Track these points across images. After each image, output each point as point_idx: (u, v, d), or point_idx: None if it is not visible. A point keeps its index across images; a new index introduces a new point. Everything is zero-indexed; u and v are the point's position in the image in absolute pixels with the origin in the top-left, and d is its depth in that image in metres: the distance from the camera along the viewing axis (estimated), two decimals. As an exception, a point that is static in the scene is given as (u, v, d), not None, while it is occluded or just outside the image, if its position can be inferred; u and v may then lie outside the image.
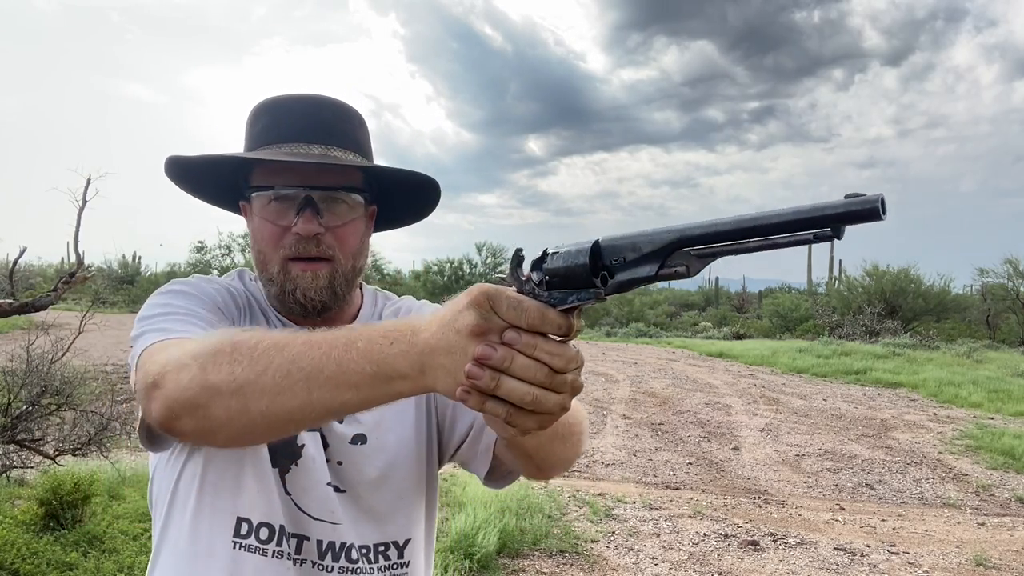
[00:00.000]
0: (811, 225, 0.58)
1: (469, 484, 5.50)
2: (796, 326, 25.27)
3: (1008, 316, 23.90)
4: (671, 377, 13.22)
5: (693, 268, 0.64)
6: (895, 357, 15.65)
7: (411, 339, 0.70)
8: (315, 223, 1.05)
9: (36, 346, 4.73)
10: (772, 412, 9.99)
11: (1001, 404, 10.54)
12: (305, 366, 0.74)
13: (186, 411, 0.78)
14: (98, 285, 7.50)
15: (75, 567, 3.75)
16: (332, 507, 1.06)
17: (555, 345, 0.67)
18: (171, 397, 0.79)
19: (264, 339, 0.78)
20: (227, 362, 0.77)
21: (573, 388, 0.69)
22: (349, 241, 1.10)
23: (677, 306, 34.58)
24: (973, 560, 4.79)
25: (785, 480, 6.71)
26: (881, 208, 0.55)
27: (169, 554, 1.04)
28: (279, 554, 1.03)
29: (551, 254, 0.70)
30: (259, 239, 1.09)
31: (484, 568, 4.26)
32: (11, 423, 4.33)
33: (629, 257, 0.66)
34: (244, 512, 1.02)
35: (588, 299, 0.67)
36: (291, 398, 0.74)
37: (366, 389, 0.72)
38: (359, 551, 1.07)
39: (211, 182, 1.17)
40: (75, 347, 4.85)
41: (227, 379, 0.76)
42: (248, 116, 1.14)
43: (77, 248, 4.68)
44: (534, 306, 0.66)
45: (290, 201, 1.06)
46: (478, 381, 0.66)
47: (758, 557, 4.78)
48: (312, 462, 1.06)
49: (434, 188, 1.21)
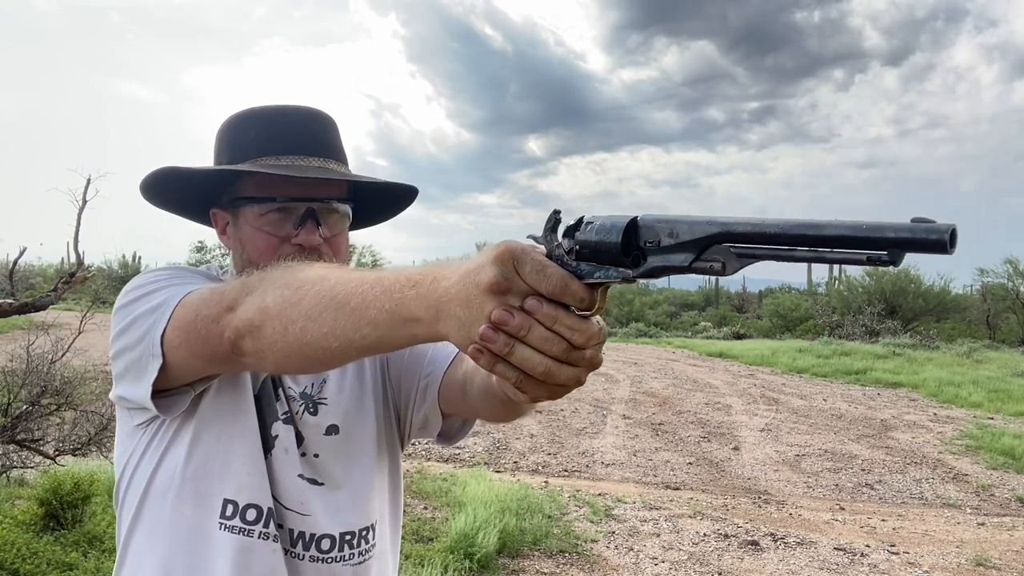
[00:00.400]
0: (868, 245, 0.53)
1: (469, 484, 5.51)
2: (796, 326, 25.27)
3: (1008, 316, 23.89)
4: (671, 377, 13.22)
5: (730, 266, 0.60)
6: (895, 357, 15.65)
7: (432, 285, 0.69)
8: (317, 235, 1.09)
9: (36, 346, 4.73)
10: (772, 412, 9.99)
11: (1001, 404, 10.54)
12: (338, 295, 0.76)
13: (248, 331, 0.84)
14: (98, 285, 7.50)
15: (75, 567, 3.75)
16: (302, 498, 1.08)
17: (577, 320, 0.64)
18: (241, 318, 0.85)
19: (312, 270, 0.83)
20: (282, 285, 0.82)
21: (591, 363, 0.67)
22: (342, 250, 1.14)
23: (677, 306, 34.58)
24: (973, 560, 4.79)
25: (785, 480, 6.71)
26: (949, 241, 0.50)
27: (145, 540, 1.05)
28: (265, 535, 1.05)
29: (586, 223, 0.67)
30: (251, 249, 1.10)
31: (484, 568, 4.26)
32: (11, 423, 4.33)
33: (665, 242, 0.62)
34: (231, 494, 1.04)
35: (616, 278, 0.64)
36: (321, 325, 0.77)
37: (383, 327, 0.73)
38: (333, 540, 1.09)
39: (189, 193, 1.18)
40: (75, 347, 4.85)
41: (278, 301, 0.81)
42: (228, 125, 1.15)
43: (77, 248, 4.68)
44: (558, 274, 0.63)
45: (286, 213, 1.09)
46: (491, 344, 0.64)
47: (758, 557, 4.77)
48: (284, 453, 1.09)
49: (411, 193, 1.26)
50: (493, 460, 6.96)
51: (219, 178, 1.14)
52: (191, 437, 1.04)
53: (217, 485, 1.04)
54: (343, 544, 1.10)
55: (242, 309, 0.85)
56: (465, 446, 7.35)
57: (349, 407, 1.16)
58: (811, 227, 0.55)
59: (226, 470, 1.04)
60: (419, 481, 5.89)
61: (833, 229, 0.54)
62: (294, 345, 0.80)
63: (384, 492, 1.19)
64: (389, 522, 1.21)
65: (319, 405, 1.14)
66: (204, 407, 1.05)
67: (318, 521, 1.08)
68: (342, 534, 1.10)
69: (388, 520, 1.20)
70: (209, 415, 1.05)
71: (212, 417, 1.05)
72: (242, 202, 1.10)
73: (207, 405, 1.06)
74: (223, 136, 1.15)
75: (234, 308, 0.86)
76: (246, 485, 1.05)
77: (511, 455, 7.17)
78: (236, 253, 1.14)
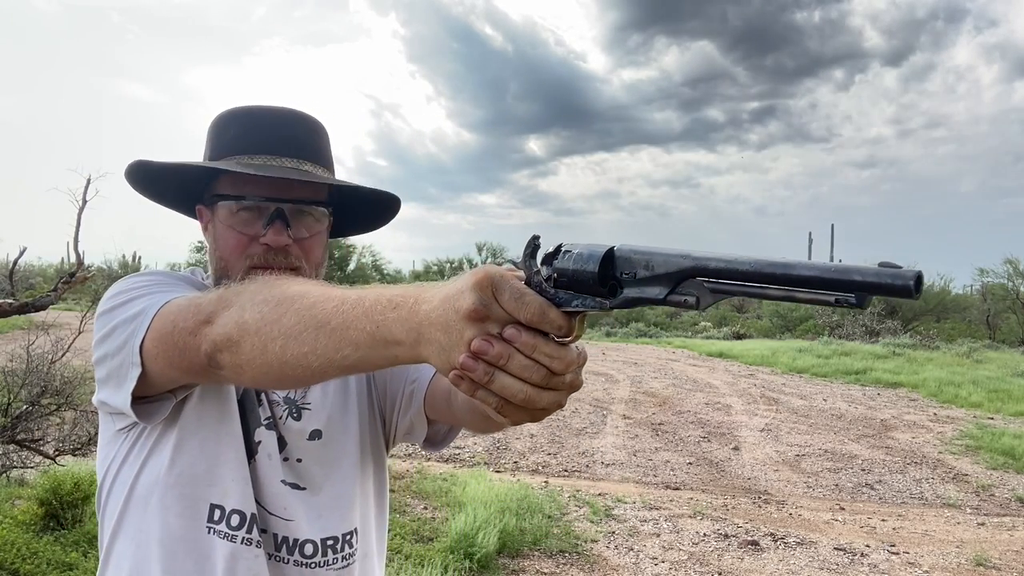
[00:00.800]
0: (837, 287, 0.54)
1: (469, 484, 5.51)
2: (796, 326, 25.28)
3: (1008, 316, 23.91)
4: (671, 377, 13.22)
5: (704, 301, 0.61)
6: (895, 357, 15.66)
7: (412, 307, 0.69)
8: (285, 235, 1.08)
9: (36, 346, 4.73)
10: (772, 412, 9.99)
11: (1001, 404, 10.54)
12: (317, 315, 0.76)
13: (226, 346, 0.83)
14: (98, 285, 7.50)
15: (75, 567, 3.75)
16: (285, 503, 1.08)
17: (556, 347, 0.65)
18: (218, 332, 0.84)
19: (292, 286, 0.82)
20: (260, 302, 0.81)
21: (571, 387, 0.68)
22: (315, 252, 1.13)
23: (677, 306, 34.54)
24: (973, 560, 4.79)
25: (785, 480, 6.71)
26: (915, 287, 0.51)
27: (128, 546, 1.05)
28: (248, 541, 1.05)
29: (564, 251, 0.68)
30: (223, 247, 1.11)
31: (484, 568, 4.26)
32: (11, 423, 4.34)
33: (640, 274, 0.63)
34: (217, 499, 1.04)
35: (593, 307, 0.65)
36: (301, 344, 0.76)
37: (364, 348, 0.73)
38: (316, 546, 1.09)
39: (173, 186, 1.19)
40: (75, 347, 4.85)
41: (257, 318, 0.80)
42: (213, 123, 1.16)
43: (77, 248, 4.67)
44: (536, 302, 0.64)
45: (258, 212, 1.09)
46: (471, 373, 0.65)
47: (758, 557, 4.77)
48: (268, 459, 1.09)
49: (394, 204, 1.26)
50: (493, 460, 6.96)
51: (199, 174, 1.14)
52: (174, 443, 1.04)
53: (203, 491, 1.04)
54: (326, 549, 1.10)
55: (220, 323, 0.84)
56: (465, 446, 7.35)
57: (333, 412, 1.16)
58: (782, 267, 0.56)
59: (211, 476, 1.04)
60: (419, 481, 5.89)
61: (803, 270, 0.55)
62: (273, 363, 0.79)
63: (368, 497, 1.19)
64: (375, 526, 1.21)
65: (303, 410, 1.14)
66: (187, 413, 1.05)
67: (301, 526, 1.08)
68: (323, 539, 1.10)
69: (373, 524, 1.20)
70: (192, 421, 1.05)
71: (195, 423, 1.05)
72: (216, 199, 1.11)
73: (190, 411, 1.05)
74: (209, 133, 1.16)
75: (211, 321, 0.85)
76: (230, 491, 1.05)
77: (511, 455, 7.17)
78: (211, 250, 1.14)
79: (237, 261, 1.09)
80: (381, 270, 29.18)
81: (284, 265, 1.09)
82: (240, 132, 1.12)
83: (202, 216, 1.17)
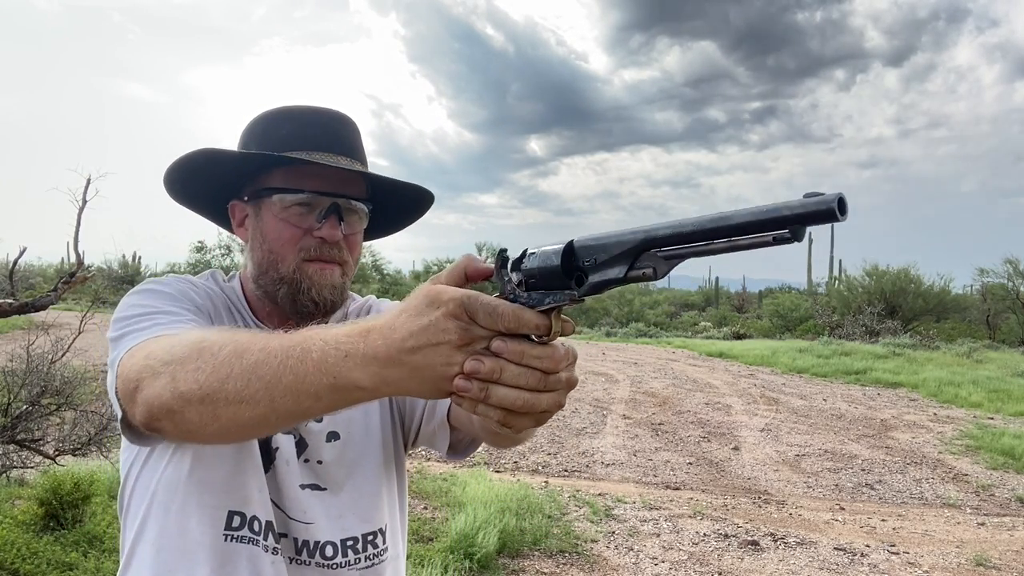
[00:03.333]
0: (770, 226, 0.57)
1: (469, 484, 5.51)
2: (796, 326, 25.27)
3: (1008, 316, 23.89)
4: (671, 377, 13.22)
5: (660, 270, 0.63)
6: (895, 357, 15.65)
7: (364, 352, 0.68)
8: (339, 230, 1.11)
9: (36, 346, 4.73)
10: (772, 412, 9.99)
11: (1001, 404, 10.54)
12: (264, 375, 0.74)
13: (164, 416, 0.81)
14: (98, 285, 7.50)
15: (75, 567, 3.75)
16: (304, 507, 1.09)
17: (542, 348, 0.66)
18: (149, 403, 0.82)
19: (227, 344, 0.79)
20: (193, 370, 0.79)
21: (568, 384, 0.69)
22: (357, 249, 1.18)
23: (677, 306, 34.57)
24: (973, 560, 4.79)
25: (785, 480, 6.71)
26: (838, 209, 0.53)
27: (149, 550, 1.06)
28: (268, 548, 1.06)
29: (528, 254, 0.70)
30: (274, 239, 1.12)
31: (484, 568, 4.26)
32: (11, 423, 4.33)
33: (600, 259, 0.66)
34: (237, 506, 1.05)
35: (563, 300, 0.66)
36: (254, 406, 0.75)
37: (327, 398, 0.72)
38: (335, 547, 1.10)
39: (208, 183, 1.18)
40: (75, 347, 4.85)
41: (194, 387, 0.78)
42: (259, 120, 1.17)
43: (77, 248, 4.67)
44: (509, 310, 0.65)
45: (311, 206, 1.11)
46: (467, 393, 0.66)
47: (758, 557, 4.77)
48: (286, 464, 1.10)
49: (427, 201, 1.28)
50: (493, 460, 6.96)
51: (244, 170, 1.15)
52: (193, 451, 1.05)
53: (222, 498, 1.04)
54: (346, 550, 1.10)
55: (148, 393, 0.82)
56: (465, 446, 7.35)
57: (353, 413, 1.16)
58: (721, 219, 0.59)
59: (230, 483, 1.05)
60: (419, 481, 5.89)
61: (739, 218, 0.58)
62: (230, 427, 0.78)
63: (394, 496, 1.20)
64: (400, 527, 1.22)
65: None
66: None
67: (320, 528, 1.09)
68: (343, 540, 1.10)
69: (398, 525, 1.22)
70: None
71: None
72: (268, 192, 1.12)
73: None
74: (254, 130, 1.16)
75: (140, 390, 0.84)
76: (251, 498, 1.05)
77: (511, 455, 7.17)
78: (255, 244, 1.15)
79: (289, 254, 1.11)
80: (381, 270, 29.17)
81: (335, 259, 1.12)
82: (294, 129, 1.14)
83: (236, 213, 1.18)
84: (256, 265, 1.14)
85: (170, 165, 1.13)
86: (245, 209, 1.16)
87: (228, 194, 1.19)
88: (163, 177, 1.16)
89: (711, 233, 0.60)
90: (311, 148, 1.13)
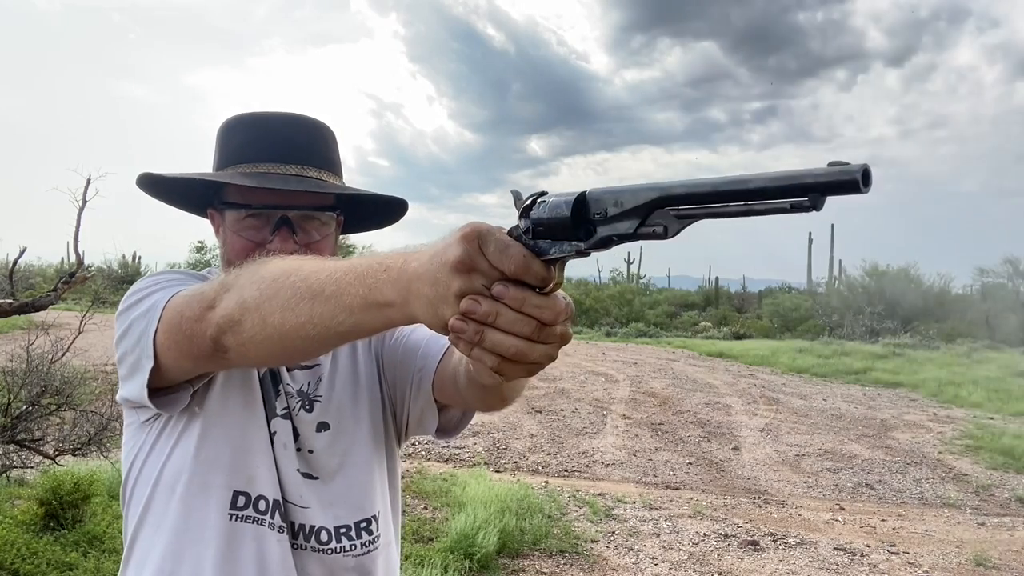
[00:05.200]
0: (789, 193, 0.55)
1: (469, 484, 5.50)
2: (796, 326, 25.26)
3: (1008, 316, 23.89)
4: (671, 377, 13.22)
5: (672, 229, 0.62)
6: (895, 357, 15.66)
7: (402, 267, 0.71)
8: (291, 242, 1.11)
9: (36, 346, 4.73)
10: (772, 412, 9.99)
11: (1001, 404, 10.54)
12: (313, 284, 0.79)
13: (229, 327, 0.86)
14: (98, 285, 7.49)
15: (75, 567, 3.75)
16: (300, 491, 1.11)
17: (544, 298, 0.66)
18: (221, 315, 0.87)
19: (287, 262, 0.85)
20: (256, 281, 0.85)
21: (562, 339, 0.69)
22: (324, 255, 1.14)
23: (677, 306, 34.55)
24: (973, 560, 4.79)
25: (785, 480, 6.71)
26: (862, 180, 0.52)
27: (155, 533, 1.07)
28: (272, 526, 1.07)
29: (539, 202, 0.69)
30: (231, 252, 1.13)
31: (484, 568, 4.26)
32: (11, 423, 4.33)
33: (611, 212, 0.64)
34: (241, 486, 1.07)
35: (570, 252, 0.66)
36: (297, 314, 0.79)
37: (359, 312, 0.75)
38: (329, 533, 1.11)
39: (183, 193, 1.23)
40: (75, 347, 4.85)
41: (256, 296, 0.84)
42: (221, 129, 1.19)
43: (77, 248, 4.67)
44: (519, 253, 0.65)
45: (265, 219, 1.12)
46: (462, 334, 0.67)
47: (758, 557, 4.77)
48: (283, 448, 1.12)
49: (401, 206, 1.29)
50: (493, 460, 6.96)
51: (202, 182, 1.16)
52: (199, 431, 1.07)
53: (227, 477, 1.06)
54: (339, 536, 1.12)
55: (222, 306, 0.87)
56: (465, 446, 7.35)
57: (342, 403, 1.18)
58: (739, 182, 0.58)
59: (236, 463, 1.07)
60: (419, 481, 5.89)
61: (757, 182, 0.57)
62: (274, 336, 0.82)
63: (385, 486, 1.22)
64: (392, 515, 1.24)
65: (314, 402, 1.16)
66: (211, 401, 1.08)
67: (315, 514, 1.11)
68: (336, 527, 1.12)
69: (390, 512, 1.23)
70: (216, 409, 1.08)
71: (219, 411, 1.08)
72: (224, 206, 1.14)
73: (214, 399, 1.08)
74: (217, 139, 1.19)
75: (214, 306, 0.88)
76: (256, 476, 1.07)
77: (511, 455, 7.17)
78: (222, 253, 1.18)
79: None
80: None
81: None
82: (245, 140, 1.14)
83: (213, 219, 1.20)
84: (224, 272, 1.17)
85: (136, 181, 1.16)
86: (217, 217, 1.18)
87: (206, 199, 1.20)
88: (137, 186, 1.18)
89: (728, 195, 0.58)
90: (260, 159, 1.13)
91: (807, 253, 32.86)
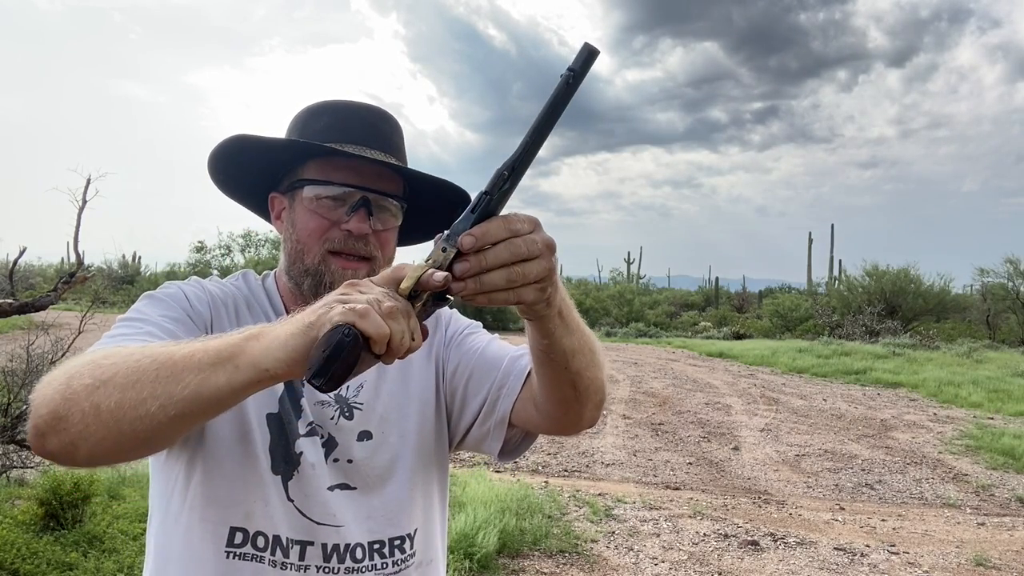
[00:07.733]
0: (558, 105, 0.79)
1: (469, 484, 5.50)
2: (796, 326, 25.27)
3: (1008, 316, 23.89)
4: (671, 377, 13.22)
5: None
6: (895, 357, 15.65)
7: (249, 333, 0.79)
8: (367, 224, 1.09)
9: (36, 346, 4.73)
10: (772, 412, 9.99)
11: (1001, 404, 10.54)
12: (157, 355, 0.79)
13: (51, 426, 0.78)
14: (98, 285, 7.50)
15: (75, 567, 3.75)
16: (333, 510, 1.07)
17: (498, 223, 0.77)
18: (38, 414, 0.80)
19: (140, 347, 0.82)
20: (90, 369, 0.79)
21: (547, 246, 0.79)
22: (389, 246, 1.14)
23: (677, 306, 34.57)
24: (973, 560, 4.79)
25: (785, 480, 6.71)
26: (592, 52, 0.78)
27: (160, 558, 1.07)
28: (276, 563, 1.04)
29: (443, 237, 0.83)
30: (302, 229, 1.11)
31: (484, 568, 4.26)
32: (11, 423, 4.34)
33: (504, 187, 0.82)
34: (239, 522, 1.04)
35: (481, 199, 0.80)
36: (139, 390, 0.76)
37: (207, 369, 0.77)
38: (365, 549, 1.08)
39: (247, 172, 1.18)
40: (75, 347, 4.85)
41: (88, 384, 0.78)
42: (302, 113, 1.17)
43: (77, 248, 4.67)
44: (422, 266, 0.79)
45: (342, 199, 1.10)
46: (466, 292, 0.76)
47: (758, 557, 4.77)
48: (312, 468, 1.07)
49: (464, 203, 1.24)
50: (493, 460, 6.96)
51: (281, 160, 1.15)
52: (201, 467, 1.04)
53: (224, 513, 1.04)
54: (372, 553, 1.08)
55: (40, 404, 0.80)
56: (465, 446, 7.35)
57: (388, 414, 1.14)
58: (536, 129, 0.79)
59: (232, 498, 1.04)
60: (419, 481, 5.89)
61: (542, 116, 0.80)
62: (108, 422, 0.76)
63: (432, 500, 1.18)
64: (439, 531, 1.20)
65: (354, 409, 1.13)
66: (208, 437, 1.04)
67: (350, 530, 1.07)
68: (371, 543, 1.09)
69: (438, 529, 1.19)
70: (212, 444, 1.04)
71: (215, 445, 1.04)
72: (301, 184, 1.11)
73: (210, 434, 1.04)
74: (297, 122, 1.17)
75: (31, 407, 0.81)
76: (253, 512, 1.04)
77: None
78: (287, 235, 1.14)
79: (315, 245, 1.09)
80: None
81: (361, 253, 1.09)
82: (332, 121, 1.13)
83: (275, 205, 1.18)
84: (287, 256, 1.14)
85: (211, 151, 1.13)
86: (283, 201, 1.16)
87: (269, 186, 1.18)
88: (206, 164, 1.16)
89: (534, 145, 0.79)
90: (348, 141, 1.11)
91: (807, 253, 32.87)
